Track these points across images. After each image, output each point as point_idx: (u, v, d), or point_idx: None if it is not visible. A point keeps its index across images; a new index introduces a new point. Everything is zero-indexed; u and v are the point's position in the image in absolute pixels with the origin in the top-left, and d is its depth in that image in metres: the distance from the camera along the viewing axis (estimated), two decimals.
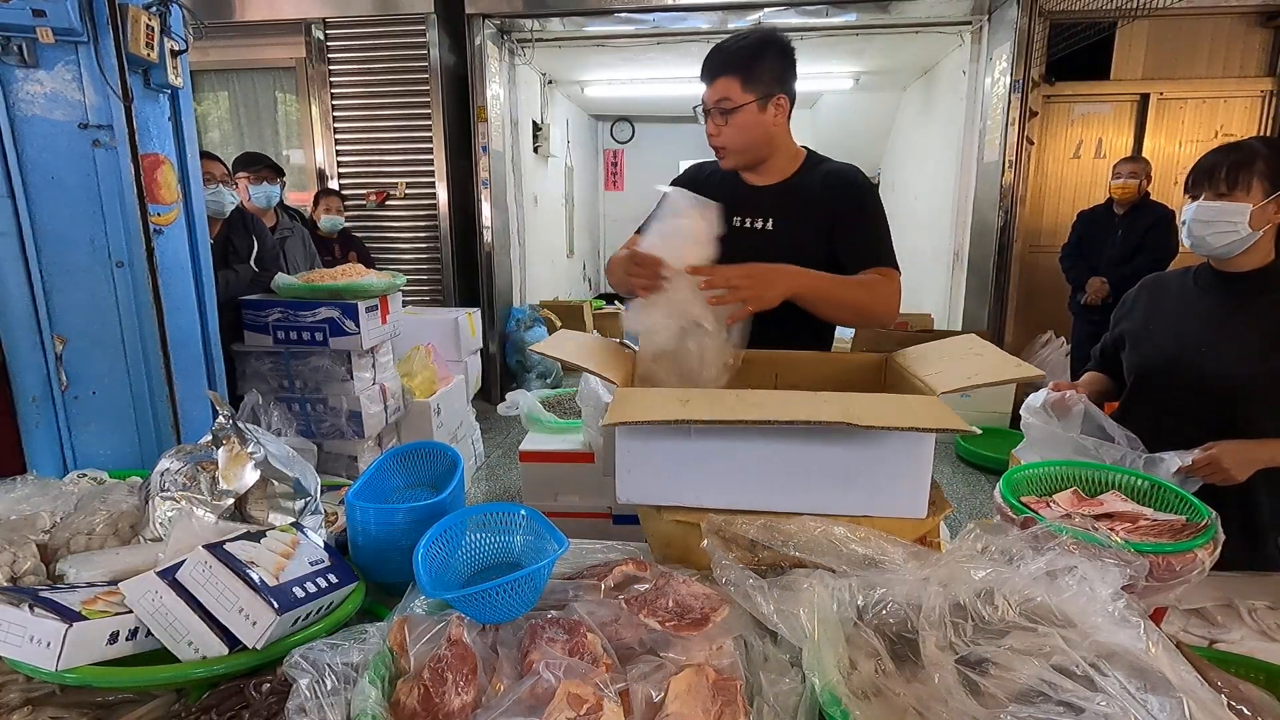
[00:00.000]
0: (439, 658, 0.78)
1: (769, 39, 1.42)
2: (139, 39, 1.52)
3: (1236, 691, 0.71)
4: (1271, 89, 4.40)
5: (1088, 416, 1.36)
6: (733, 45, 1.42)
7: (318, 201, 3.95)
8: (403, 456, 1.30)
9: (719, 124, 1.43)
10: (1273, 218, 1.27)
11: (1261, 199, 1.26)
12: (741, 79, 1.39)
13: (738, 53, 1.40)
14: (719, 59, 1.41)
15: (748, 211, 1.51)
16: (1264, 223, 1.27)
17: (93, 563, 1.00)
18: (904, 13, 4.63)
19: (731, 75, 1.39)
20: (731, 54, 1.40)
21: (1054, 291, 4.46)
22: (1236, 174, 1.27)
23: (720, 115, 1.42)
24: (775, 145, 1.50)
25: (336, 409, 2.58)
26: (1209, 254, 1.34)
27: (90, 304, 1.60)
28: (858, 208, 1.49)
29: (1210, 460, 1.22)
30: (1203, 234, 1.31)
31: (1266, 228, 1.27)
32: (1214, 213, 1.29)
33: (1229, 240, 1.29)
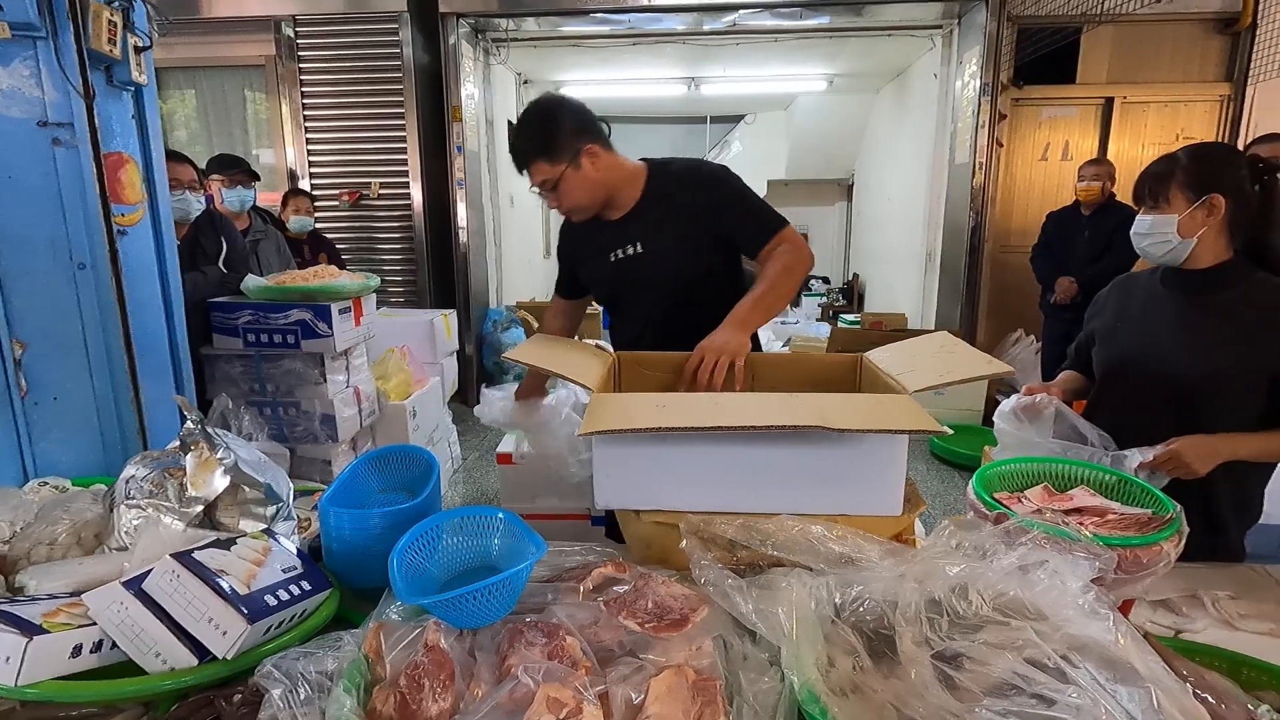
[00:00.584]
0: (415, 664, 0.77)
1: (546, 110, 1.50)
2: (100, 34, 1.48)
3: (1201, 680, 0.73)
4: (1229, 94, 4.54)
5: (1060, 418, 1.38)
6: (522, 136, 1.51)
7: (286, 202, 3.88)
8: (378, 460, 1.28)
9: (553, 197, 1.53)
10: (1204, 222, 1.31)
11: (1185, 207, 1.32)
12: (545, 158, 1.48)
13: (529, 140, 1.49)
14: (518, 153, 1.51)
15: (618, 244, 1.59)
16: (1193, 229, 1.32)
17: (54, 574, 0.97)
18: (876, 16, 4.69)
19: (536, 159, 1.48)
20: (525, 142, 1.49)
21: (1024, 291, 4.54)
22: (1159, 187, 1.35)
23: (549, 191, 1.51)
24: (611, 183, 1.55)
25: (309, 413, 2.53)
26: (1155, 262, 1.41)
27: (51, 307, 1.55)
28: (722, 196, 1.55)
29: (1171, 455, 1.25)
30: (1142, 245, 1.38)
31: (1201, 231, 1.32)
32: (1147, 225, 1.36)
33: (1166, 249, 1.35)
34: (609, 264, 1.60)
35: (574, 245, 1.72)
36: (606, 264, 1.61)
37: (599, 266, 1.63)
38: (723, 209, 1.54)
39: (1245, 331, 1.31)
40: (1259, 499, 1.44)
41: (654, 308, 1.59)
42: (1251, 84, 4.42)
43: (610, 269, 1.60)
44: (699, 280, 1.56)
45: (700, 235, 1.54)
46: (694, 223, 1.53)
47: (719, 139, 8.70)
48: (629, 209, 1.58)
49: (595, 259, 1.64)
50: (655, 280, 1.57)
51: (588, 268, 1.69)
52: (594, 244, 1.63)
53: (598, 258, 1.63)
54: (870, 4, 4.50)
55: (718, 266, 1.59)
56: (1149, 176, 1.37)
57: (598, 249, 1.62)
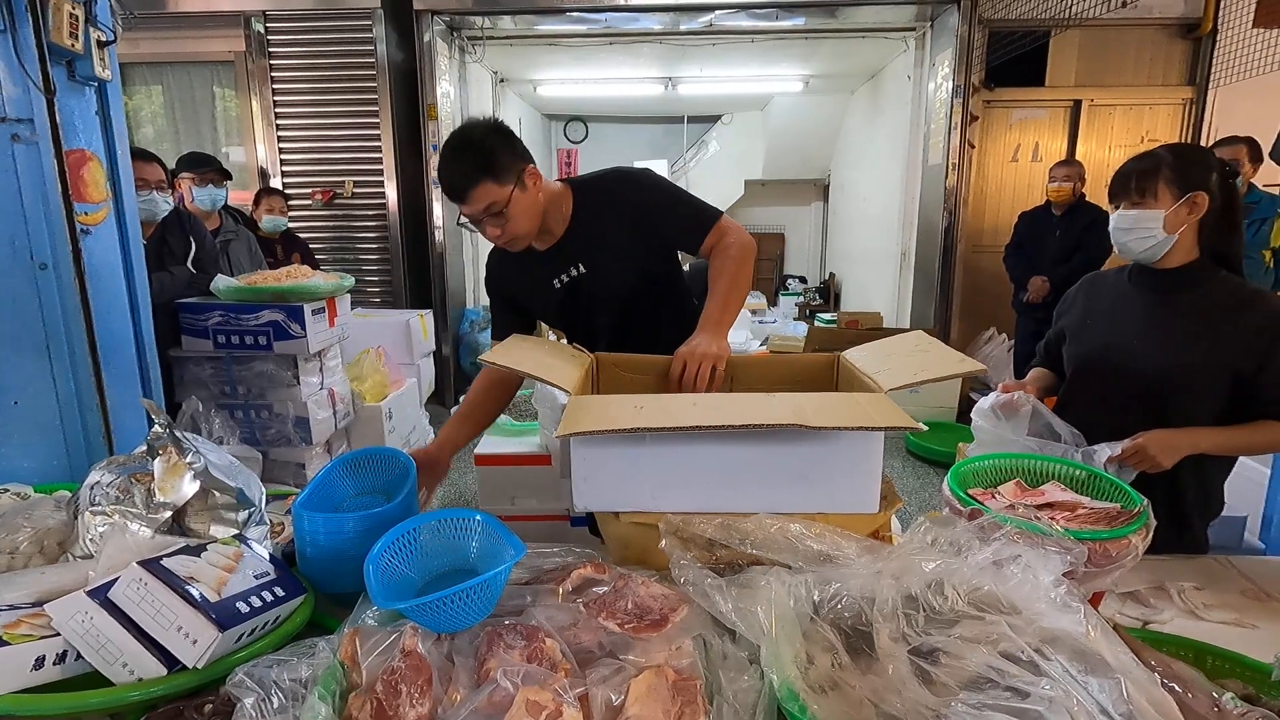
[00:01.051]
0: (392, 670, 0.76)
1: (485, 130, 1.39)
2: (61, 28, 1.44)
3: (1169, 670, 0.75)
4: (1191, 97, 4.66)
5: (1036, 415, 1.40)
6: (462, 160, 1.36)
7: (259, 201, 3.80)
8: (353, 463, 1.26)
9: (498, 224, 1.39)
10: (1186, 219, 1.35)
11: (1171, 203, 1.34)
12: (492, 179, 1.35)
13: (473, 162, 1.35)
14: (460, 176, 1.35)
15: (559, 270, 1.54)
16: (1177, 225, 1.35)
17: (16, 583, 0.94)
18: (851, 18, 4.74)
19: (482, 181, 1.35)
20: (469, 165, 1.35)
21: (996, 290, 4.62)
22: (1145, 183, 1.36)
23: (494, 218, 1.38)
24: (547, 206, 1.49)
25: (282, 415, 2.49)
26: (1134, 258, 1.42)
27: (11, 308, 1.51)
28: (652, 200, 1.53)
29: (1138, 449, 1.29)
30: (1124, 240, 1.40)
31: (1182, 229, 1.35)
32: (1131, 220, 1.37)
33: (1149, 245, 1.37)
34: (554, 291, 1.56)
35: (509, 281, 1.63)
36: (552, 291, 1.56)
37: (545, 296, 1.58)
38: (655, 212, 1.52)
39: (1210, 329, 1.35)
40: (1220, 492, 1.48)
41: (608, 321, 1.58)
42: (1213, 88, 4.55)
43: (558, 295, 1.56)
44: (646, 286, 1.56)
45: (638, 243, 1.52)
46: (630, 232, 1.51)
47: (696, 139, 8.73)
48: (560, 234, 1.53)
49: (539, 289, 1.58)
50: (605, 296, 1.55)
51: (533, 299, 1.62)
52: (531, 276, 1.58)
53: (541, 288, 1.57)
54: (845, 6, 4.55)
55: (660, 268, 1.59)
56: (1134, 172, 1.38)
57: (537, 280, 1.57)
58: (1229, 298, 1.36)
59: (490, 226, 1.40)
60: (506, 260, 1.60)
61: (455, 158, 1.38)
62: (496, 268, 1.64)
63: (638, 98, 7.30)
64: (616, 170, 1.58)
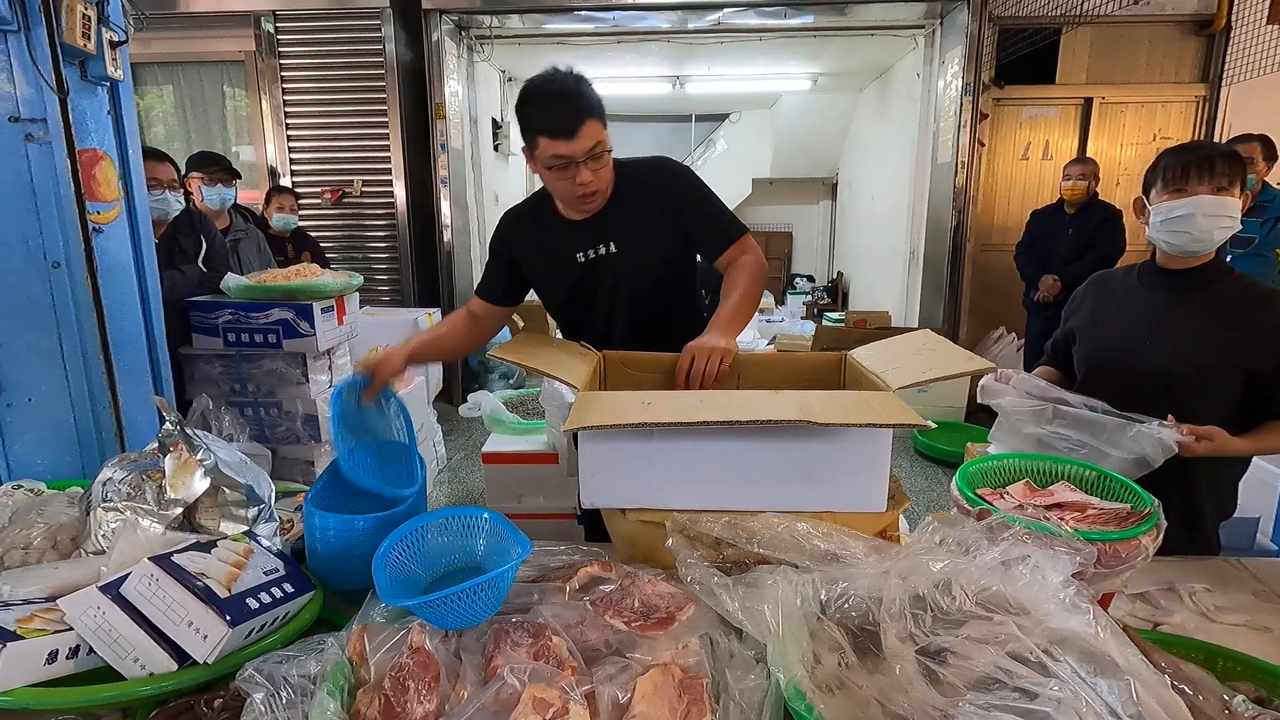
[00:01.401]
0: (400, 666, 0.76)
1: (583, 78, 1.38)
2: (74, 29, 1.45)
3: (1179, 672, 0.74)
4: (1204, 94, 4.61)
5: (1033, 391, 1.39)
6: (583, 89, 1.36)
7: (270, 199, 3.83)
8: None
9: (594, 169, 1.38)
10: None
11: (1237, 195, 1.30)
12: (601, 120, 1.36)
13: (589, 98, 1.35)
14: (579, 107, 1.34)
15: (589, 244, 1.52)
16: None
17: (29, 578, 0.95)
18: (859, 16, 4.72)
19: (595, 119, 1.35)
20: (587, 99, 1.35)
21: (1005, 289, 4.60)
22: (1233, 169, 1.29)
23: (593, 161, 1.37)
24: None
25: (291, 413, 2.51)
26: (1201, 248, 1.33)
27: (25, 307, 1.52)
28: (690, 198, 1.53)
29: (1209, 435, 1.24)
30: (1210, 227, 1.29)
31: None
32: (1219, 206, 1.28)
33: (1228, 233, 1.30)
34: (575, 264, 1.52)
35: (520, 245, 1.58)
36: (572, 265, 1.52)
37: (561, 268, 1.54)
38: (691, 210, 1.52)
39: (1223, 329, 1.34)
40: (1234, 493, 1.47)
41: (625, 308, 1.55)
42: (1226, 85, 4.50)
43: (577, 270, 1.53)
44: (667, 279, 1.56)
45: (669, 234, 1.52)
46: (664, 222, 1.51)
47: (704, 137, 8.72)
48: (600, 208, 1.51)
49: (556, 260, 1.54)
50: (630, 280, 1.53)
51: (543, 269, 1.58)
52: (551, 245, 1.54)
53: (559, 258, 1.53)
54: (853, 4, 4.53)
55: (682, 265, 1.59)
56: (1218, 156, 1.29)
57: (556, 250, 1.53)
58: (1241, 298, 1.34)
59: (586, 170, 1.37)
60: (525, 224, 1.58)
61: (562, 94, 1.34)
62: (511, 228, 1.60)
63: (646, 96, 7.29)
64: (662, 159, 1.58)
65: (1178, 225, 1.31)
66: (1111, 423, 1.27)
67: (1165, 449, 1.22)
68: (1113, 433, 1.26)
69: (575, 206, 1.47)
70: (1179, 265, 1.38)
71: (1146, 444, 1.23)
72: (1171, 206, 1.31)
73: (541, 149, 1.36)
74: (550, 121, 1.34)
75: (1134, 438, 1.24)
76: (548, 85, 1.35)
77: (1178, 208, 1.31)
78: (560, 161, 1.35)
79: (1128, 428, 1.25)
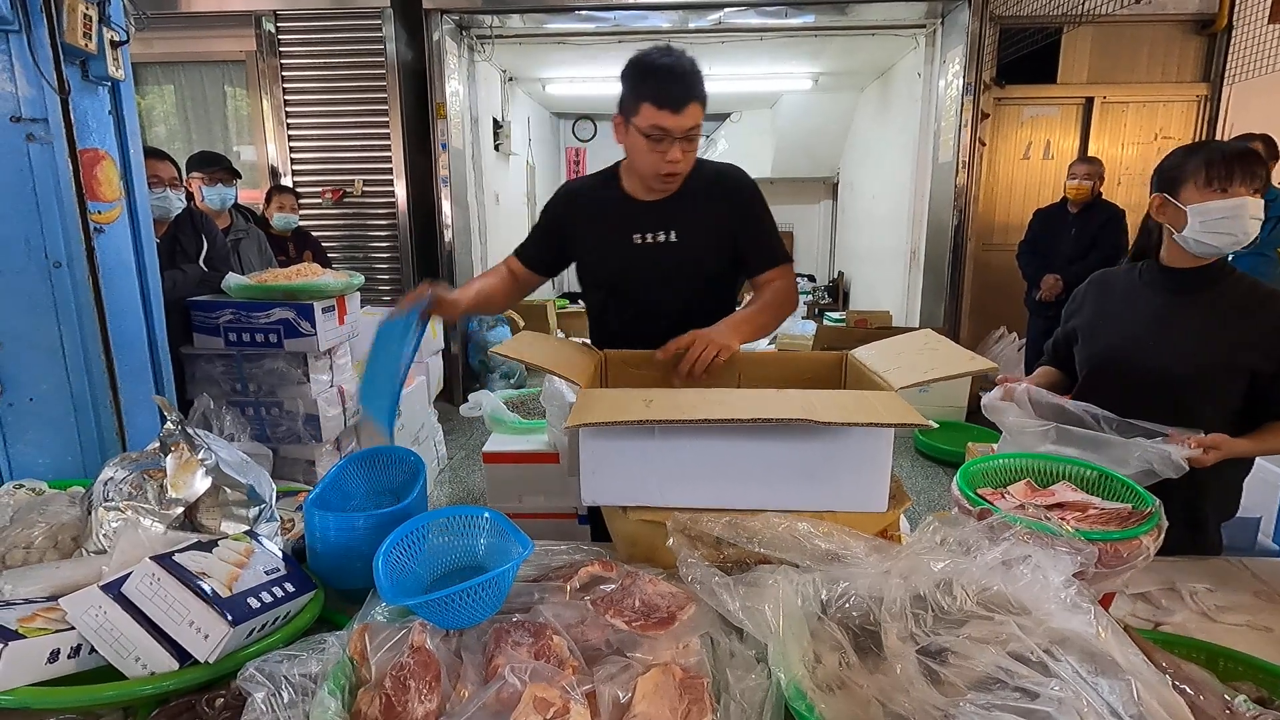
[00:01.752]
0: (401, 665, 0.76)
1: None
2: (75, 28, 1.45)
3: (1180, 672, 0.74)
4: (1206, 94, 4.61)
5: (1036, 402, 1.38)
6: (697, 70, 1.40)
7: (270, 199, 3.83)
8: (363, 461, 1.27)
9: (684, 150, 1.41)
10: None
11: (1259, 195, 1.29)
12: (703, 105, 1.39)
13: (701, 79, 1.39)
14: (693, 85, 1.37)
15: (647, 227, 1.53)
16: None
17: (31, 577, 0.95)
18: (860, 15, 4.71)
19: (699, 102, 1.38)
20: (699, 81, 1.39)
21: (1006, 289, 4.59)
22: (1261, 169, 1.29)
23: (687, 143, 1.40)
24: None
25: (292, 413, 2.51)
26: (1233, 249, 1.31)
27: (26, 306, 1.52)
28: (752, 211, 1.56)
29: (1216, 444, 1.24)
30: (1251, 230, 1.26)
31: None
32: (1258, 208, 1.28)
33: (1258, 233, 1.29)
34: (631, 245, 1.52)
35: (572, 218, 1.58)
36: (628, 245, 1.52)
37: (613, 246, 1.53)
38: (749, 221, 1.55)
39: (1226, 329, 1.34)
40: (1239, 493, 1.47)
41: (675, 299, 1.54)
42: (1228, 85, 4.49)
43: (630, 252, 1.52)
44: (716, 279, 1.56)
45: (726, 237, 1.54)
46: (723, 225, 1.53)
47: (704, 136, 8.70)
48: (664, 195, 1.52)
49: (610, 238, 1.53)
50: (685, 271, 1.52)
51: (599, 244, 1.57)
52: (607, 223, 1.53)
53: (614, 237, 1.53)
54: (854, 3, 4.53)
55: (730, 270, 1.59)
56: (1256, 157, 1.29)
57: (612, 228, 1.53)
58: (1245, 298, 1.34)
59: (679, 148, 1.40)
60: (585, 195, 1.59)
61: (678, 69, 1.37)
62: (569, 197, 1.61)
63: None
64: (734, 166, 1.61)
65: (1223, 227, 1.28)
66: (1116, 441, 1.25)
67: (1175, 468, 1.20)
68: (1117, 452, 1.23)
69: (654, 184, 1.48)
70: (1183, 265, 1.38)
71: (1154, 461, 1.21)
72: (1218, 207, 1.27)
73: (643, 116, 1.38)
74: (661, 91, 1.36)
75: (1141, 455, 1.21)
76: (664, 57, 1.38)
77: (1224, 209, 1.27)
78: (659, 133, 1.37)
79: (1132, 447, 1.23)
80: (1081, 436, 1.28)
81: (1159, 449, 1.21)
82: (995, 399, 1.43)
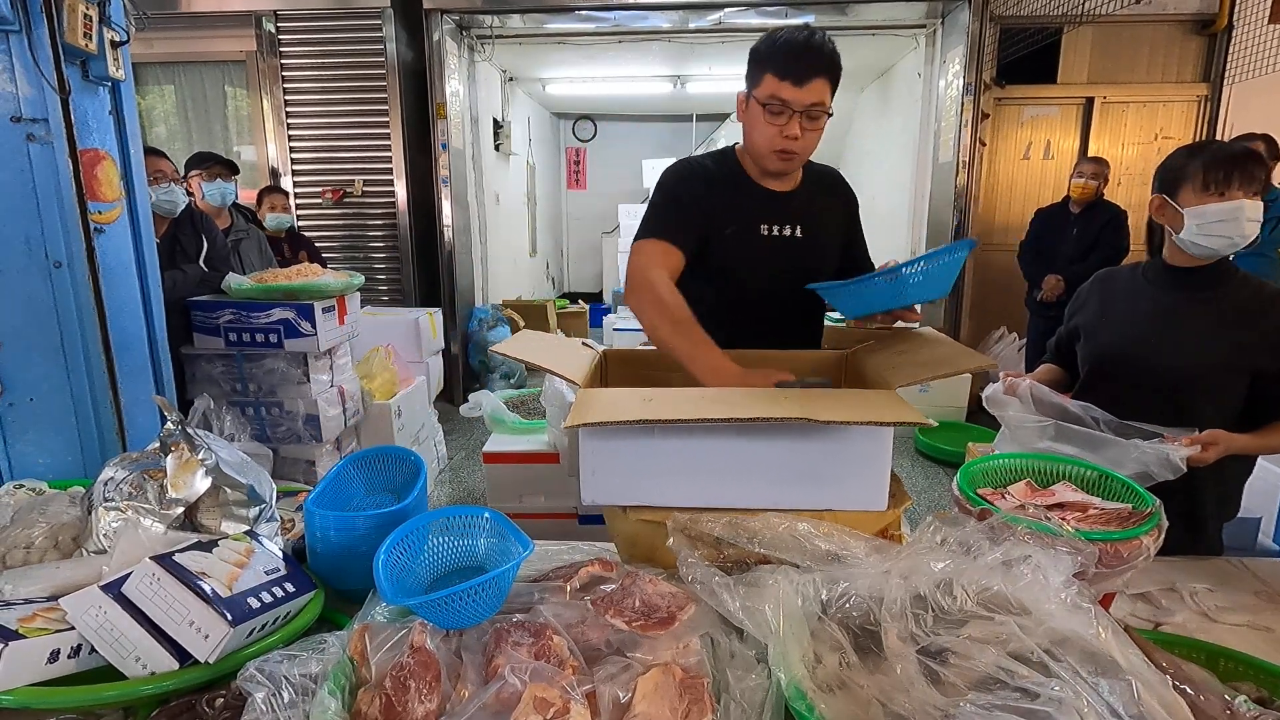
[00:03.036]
0: (401, 665, 0.76)
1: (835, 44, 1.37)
2: (76, 29, 1.45)
3: (1180, 672, 0.74)
4: (1206, 94, 4.61)
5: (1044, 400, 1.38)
6: (828, 46, 1.34)
7: (261, 200, 3.82)
8: (363, 461, 1.27)
9: (804, 128, 1.36)
10: None
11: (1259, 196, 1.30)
12: (832, 84, 1.34)
13: (834, 55, 1.34)
14: (819, 59, 1.32)
15: (775, 219, 1.47)
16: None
17: (31, 577, 0.95)
18: (860, 15, 4.71)
19: (826, 79, 1.33)
20: (829, 57, 1.33)
21: (1007, 289, 4.59)
22: (1261, 171, 1.30)
23: (809, 120, 1.35)
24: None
25: (293, 413, 2.51)
26: (1232, 252, 1.32)
27: (26, 306, 1.52)
28: (857, 216, 1.59)
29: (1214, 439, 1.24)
30: (1250, 232, 1.28)
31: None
32: (1256, 210, 1.29)
33: (1257, 235, 1.30)
34: (757, 236, 1.45)
35: (709, 201, 1.45)
36: (756, 235, 1.45)
37: (744, 234, 1.45)
38: (855, 224, 1.57)
39: (1231, 329, 1.34)
40: (1239, 494, 1.46)
41: (785, 297, 1.48)
42: (1228, 85, 4.49)
43: (755, 241, 1.46)
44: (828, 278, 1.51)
45: (842, 237, 1.55)
46: (838, 226, 1.54)
47: (704, 137, 8.71)
48: (791, 188, 1.49)
49: (739, 225, 1.45)
50: (804, 270, 1.45)
51: (726, 230, 1.46)
52: (740, 209, 1.46)
53: (743, 224, 1.46)
54: (854, 3, 4.53)
55: (838, 271, 1.57)
56: (1255, 159, 1.29)
57: (743, 215, 1.46)
58: (1250, 299, 1.34)
59: (798, 125, 1.35)
60: (713, 177, 1.48)
61: (806, 43, 1.33)
62: (689, 177, 1.48)
63: (647, 96, 7.29)
64: (832, 169, 1.61)
65: (1219, 230, 1.28)
66: (1114, 441, 1.25)
67: (1173, 469, 1.19)
68: (1116, 451, 1.23)
69: (768, 162, 1.41)
70: (1186, 264, 1.38)
71: (1152, 462, 1.20)
72: (1215, 210, 1.28)
73: (764, 86, 1.34)
74: (785, 62, 1.32)
75: (1138, 457, 1.21)
76: (797, 32, 1.35)
77: (1221, 212, 1.28)
78: (778, 104, 1.33)
79: (1130, 447, 1.22)
80: (1080, 435, 1.28)
81: (1156, 449, 1.21)
82: (998, 391, 1.43)
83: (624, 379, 1.41)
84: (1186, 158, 1.34)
